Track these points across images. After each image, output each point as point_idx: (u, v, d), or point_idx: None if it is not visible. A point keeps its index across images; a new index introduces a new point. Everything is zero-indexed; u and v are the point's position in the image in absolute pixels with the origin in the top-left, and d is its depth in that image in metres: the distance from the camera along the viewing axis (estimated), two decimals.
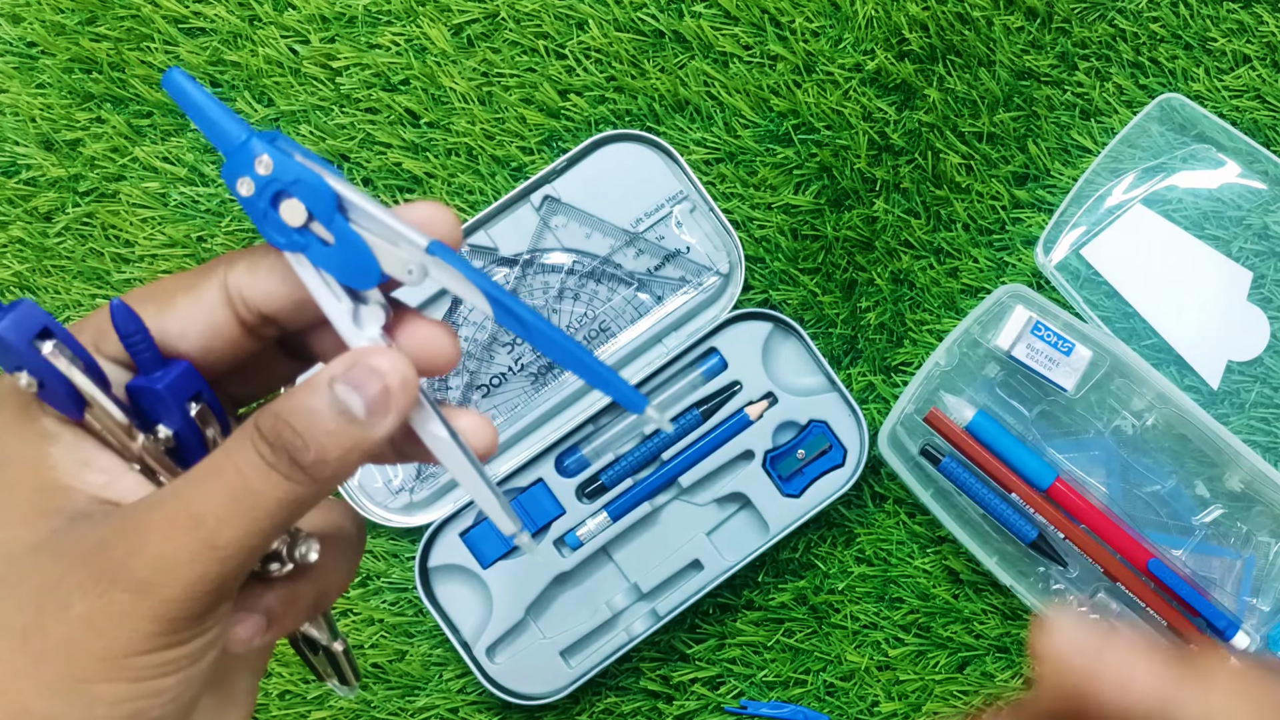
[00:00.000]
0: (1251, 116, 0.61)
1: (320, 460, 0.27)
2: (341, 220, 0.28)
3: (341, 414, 0.27)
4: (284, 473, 0.27)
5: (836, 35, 0.62)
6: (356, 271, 0.28)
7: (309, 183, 0.28)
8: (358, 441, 0.27)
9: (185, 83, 0.28)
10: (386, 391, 0.27)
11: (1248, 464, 0.56)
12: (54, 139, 0.62)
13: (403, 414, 0.28)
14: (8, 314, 0.27)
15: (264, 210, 0.28)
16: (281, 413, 0.27)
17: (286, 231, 0.28)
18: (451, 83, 0.62)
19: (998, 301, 0.57)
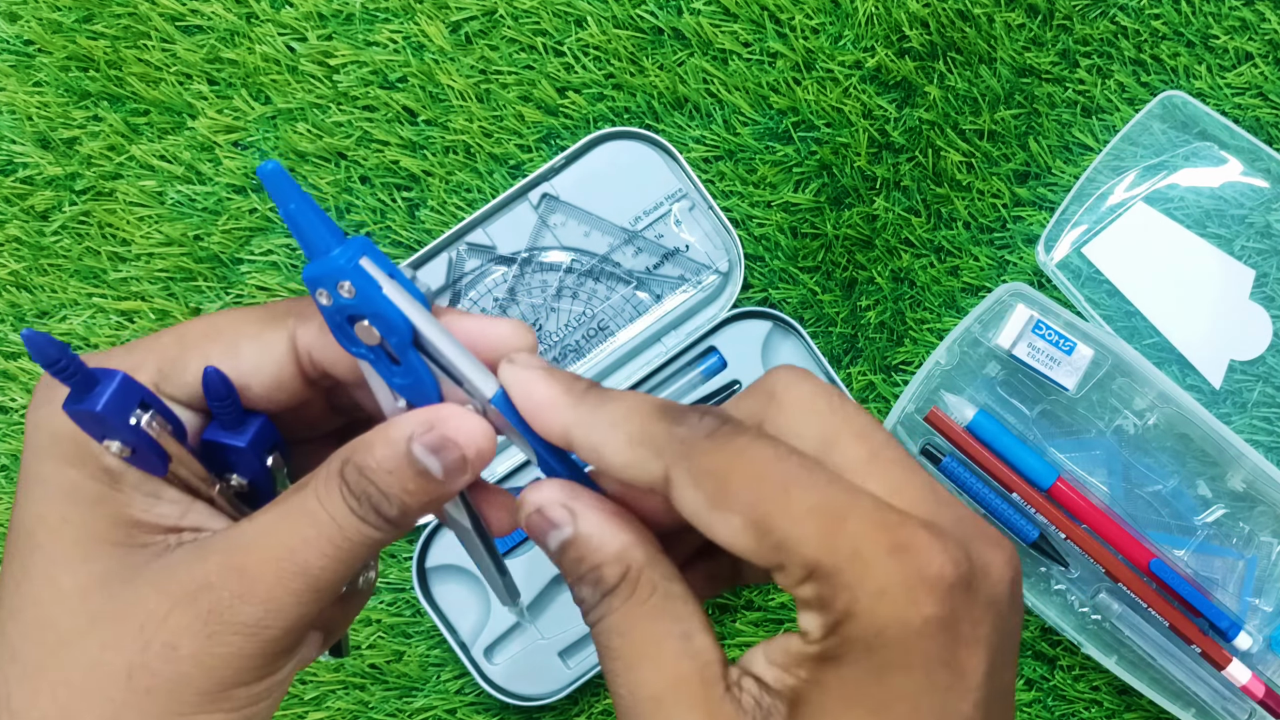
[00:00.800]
0: (1254, 114, 0.60)
1: (402, 514, 0.29)
2: (413, 353, 0.28)
3: (420, 474, 0.28)
4: (372, 523, 0.29)
5: (836, 32, 0.61)
6: (416, 395, 0.29)
7: (386, 317, 0.28)
8: (435, 498, 0.29)
9: (282, 179, 0.27)
10: (464, 461, 0.29)
11: (1250, 464, 0.55)
12: (51, 137, 0.62)
13: (477, 474, 0.29)
14: (106, 390, 0.27)
15: (339, 323, 0.29)
16: (365, 468, 0.28)
17: (358, 343, 0.29)
18: (449, 80, 0.62)
19: (998, 300, 0.57)
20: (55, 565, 0.28)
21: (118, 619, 0.28)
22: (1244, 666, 0.56)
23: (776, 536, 0.25)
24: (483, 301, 0.60)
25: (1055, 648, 0.60)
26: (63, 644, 0.28)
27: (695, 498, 0.26)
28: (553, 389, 0.28)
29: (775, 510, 0.25)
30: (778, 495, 0.25)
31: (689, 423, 0.26)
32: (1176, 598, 0.56)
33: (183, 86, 0.62)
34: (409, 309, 0.28)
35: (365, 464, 0.28)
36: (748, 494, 0.25)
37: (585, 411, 0.28)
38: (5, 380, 0.62)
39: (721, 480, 0.25)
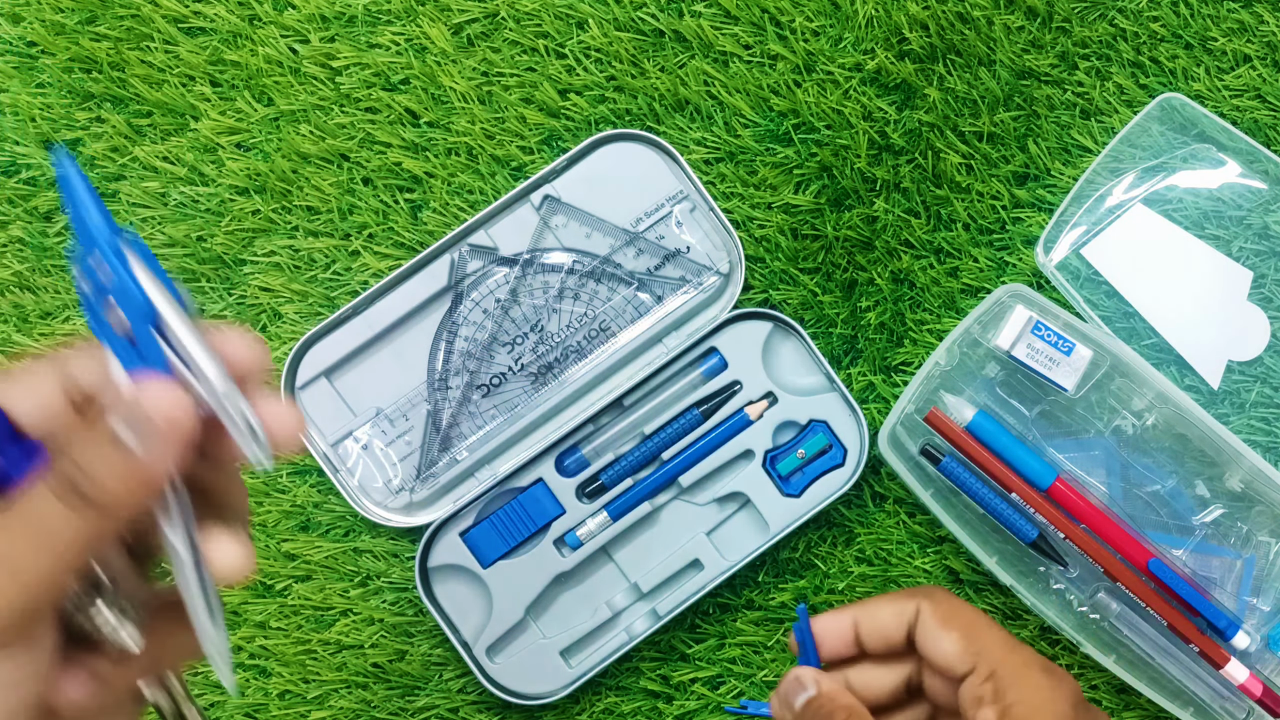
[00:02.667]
0: (1252, 116, 0.61)
1: (99, 488, 0.29)
2: (152, 337, 0.29)
3: (114, 443, 0.29)
4: (77, 509, 0.29)
5: (837, 35, 0.62)
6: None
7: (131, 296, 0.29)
8: (139, 476, 0.29)
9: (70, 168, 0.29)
10: (155, 423, 0.29)
11: (1248, 464, 0.56)
12: (54, 138, 0.62)
13: (176, 446, 0.29)
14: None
15: (95, 307, 0.30)
16: (71, 450, 0.29)
17: (106, 329, 0.30)
18: (451, 82, 0.62)
19: (998, 301, 0.57)
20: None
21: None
22: (1242, 665, 0.56)
23: (978, 646, 0.42)
24: (484, 302, 0.60)
25: (1054, 647, 0.60)
26: None
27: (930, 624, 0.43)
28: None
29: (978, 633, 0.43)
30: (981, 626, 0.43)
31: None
32: (1175, 597, 0.56)
33: (185, 88, 0.62)
34: (155, 294, 0.29)
35: (70, 448, 0.29)
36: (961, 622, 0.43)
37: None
38: None
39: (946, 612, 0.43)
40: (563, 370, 0.61)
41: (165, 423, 0.29)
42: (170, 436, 0.29)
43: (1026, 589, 0.58)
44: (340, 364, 0.60)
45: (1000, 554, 0.58)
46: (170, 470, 0.30)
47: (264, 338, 0.28)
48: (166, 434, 0.29)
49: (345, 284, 0.62)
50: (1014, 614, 0.61)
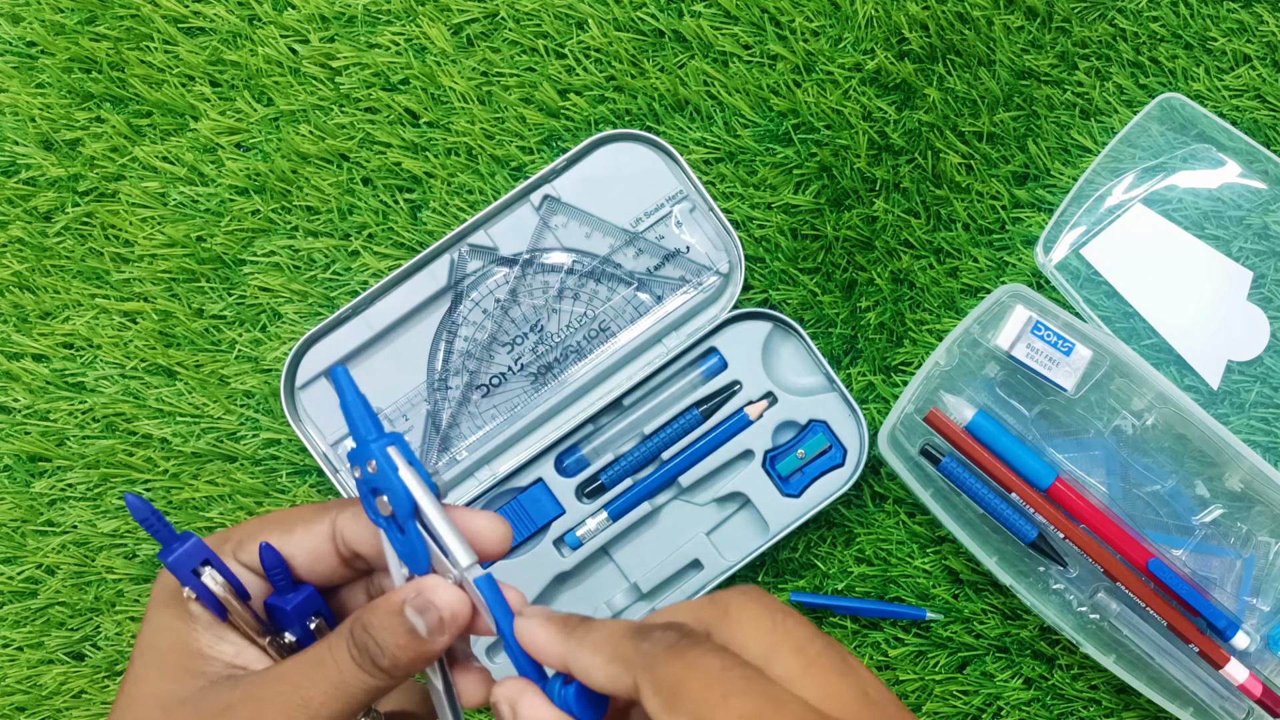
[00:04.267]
0: (1251, 116, 0.61)
1: (394, 665, 0.36)
2: (413, 524, 0.37)
3: (409, 631, 0.36)
4: (368, 671, 0.36)
5: (836, 35, 0.62)
6: (412, 561, 0.37)
7: (396, 491, 0.37)
8: (421, 652, 0.36)
9: (345, 381, 0.37)
10: (441, 621, 0.36)
11: (1248, 464, 0.56)
12: (53, 138, 0.62)
13: (454, 635, 0.37)
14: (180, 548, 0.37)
15: (366, 494, 0.37)
16: (369, 626, 0.37)
17: (377, 514, 0.37)
18: (451, 82, 0.62)
19: (998, 301, 0.57)
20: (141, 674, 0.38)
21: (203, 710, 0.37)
22: (1241, 665, 0.56)
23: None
24: (484, 302, 0.60)
25: (1054, 647, 0.60)
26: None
27: (655, 703, 0.31)
28: (549, 630, 0.36)
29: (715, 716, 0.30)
30: (717, 702, 0.30)
31: (653, 639, 0.32)
32: (1175, 597, 0.56)
33: (185, 88, 0.62)
34: (415, 489, 0.36)
35: (368, 621, 0.37)
36: (693, 702, 0.30)
37: (574, 643, 0.35)
38: (8, 380, 0.62)
39: (674, 688, 0.31)
40: (562, 370, 0.61)
41: (450, 620, 0.37)
42: (451, 628, 0.37)
43: (1026, 589, 0.58)
44: (341, 363, 0.60)
45: (1000, 554, 0.58)
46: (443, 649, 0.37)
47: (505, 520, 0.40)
48: (449, 629, 0.37)
49: (345, 284, 0.62)
50: (1014, 614, 0.61)
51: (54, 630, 0.62)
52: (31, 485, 0.62)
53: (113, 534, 0.62)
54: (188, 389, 0.62)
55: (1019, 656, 0.60)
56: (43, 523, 0.62)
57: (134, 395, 0.62)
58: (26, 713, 0.61)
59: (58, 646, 0.62)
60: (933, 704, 0.60)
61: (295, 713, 0.36)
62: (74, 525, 0.62)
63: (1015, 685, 0.60)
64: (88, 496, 0.62)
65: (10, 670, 0.61)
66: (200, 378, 0.62)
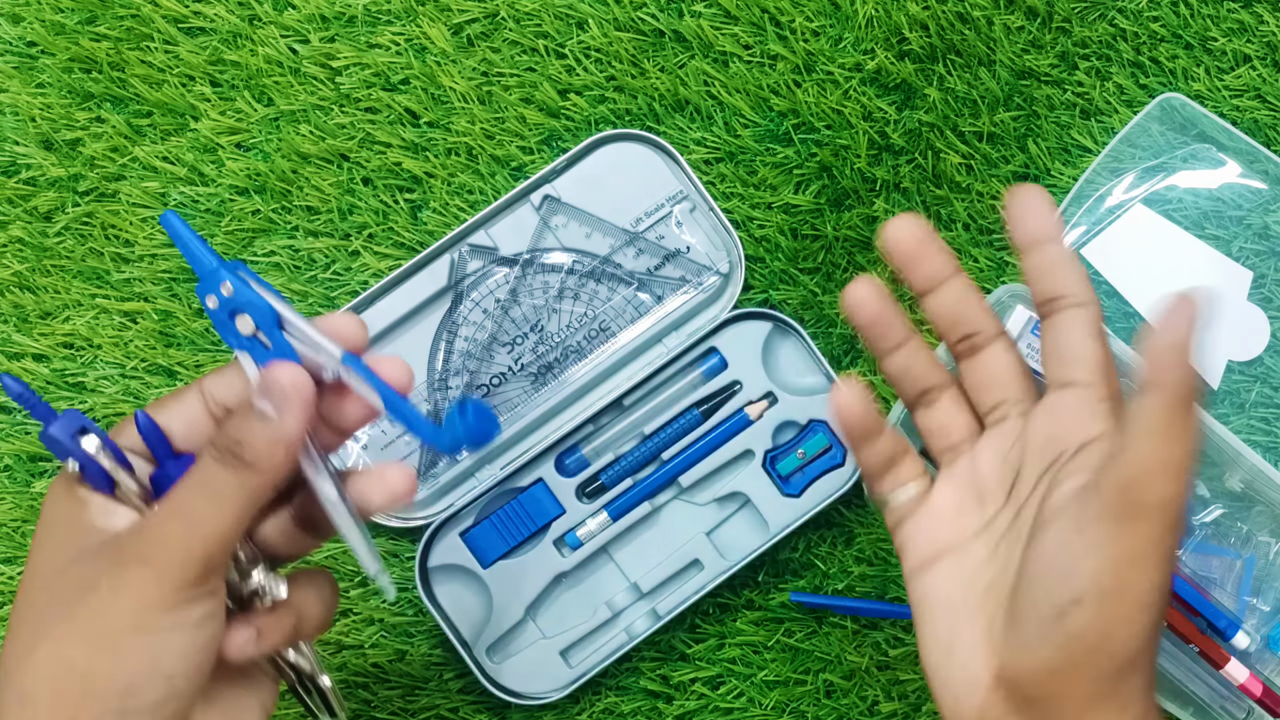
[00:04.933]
0: (1252, 116, 0.61)
1: (254, 451, 0.38)
2: (279, 333, 0.39)
3: (260, 415, 0.38)
4: (236, 469, 0.38)
5: (836, 35, 0.62)
6: None
7: (256, 304, 0.39)
8: (278, 435, 0.38)
9: (176, 221, 0.40)
10: (284, 393, 0.38)
11: (1248, 464, 0.56)
12: (54, 138, 0.62)
13: (301, 408, 0.38)
14: (59, 419, 0.38)
15: (223, 320, 0.39)
16: (225, 427, 0.38)
17: (238, 337, 0.39)
18: (451, 82, 0.62)
19: (998, 301, 0.57)
20: (36, 556, 0.40)
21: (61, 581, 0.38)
22: (1242, 665, 0.56)
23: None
24: (484, 302, 0.60)
25: None
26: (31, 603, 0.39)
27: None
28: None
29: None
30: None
31: None
32: (1174, 597, 0.56)
33: (185, 88, 0.62)
34: (273, 300, 0.39)
35: (225, 424, 0.39)
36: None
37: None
38: None
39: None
40: (563, 370, 0.61)
41: (291, 389, 0.38)
42: (296, 399, 0.38)
43: None
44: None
45: None
46: (301, 429, 0.38)
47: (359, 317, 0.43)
48: (293, 398, 0.38)
49: (345, 284, 0.62)
50: None
51: None
52: (31, 485, 0.62)
53: None
54: None
55: None
56: None
57: (134, 395, 0.62)
58: None
59: None
60: (933, 704, 0.60)
61: (174, 522, 0.37)
62: None
63: None
64: None
65: None
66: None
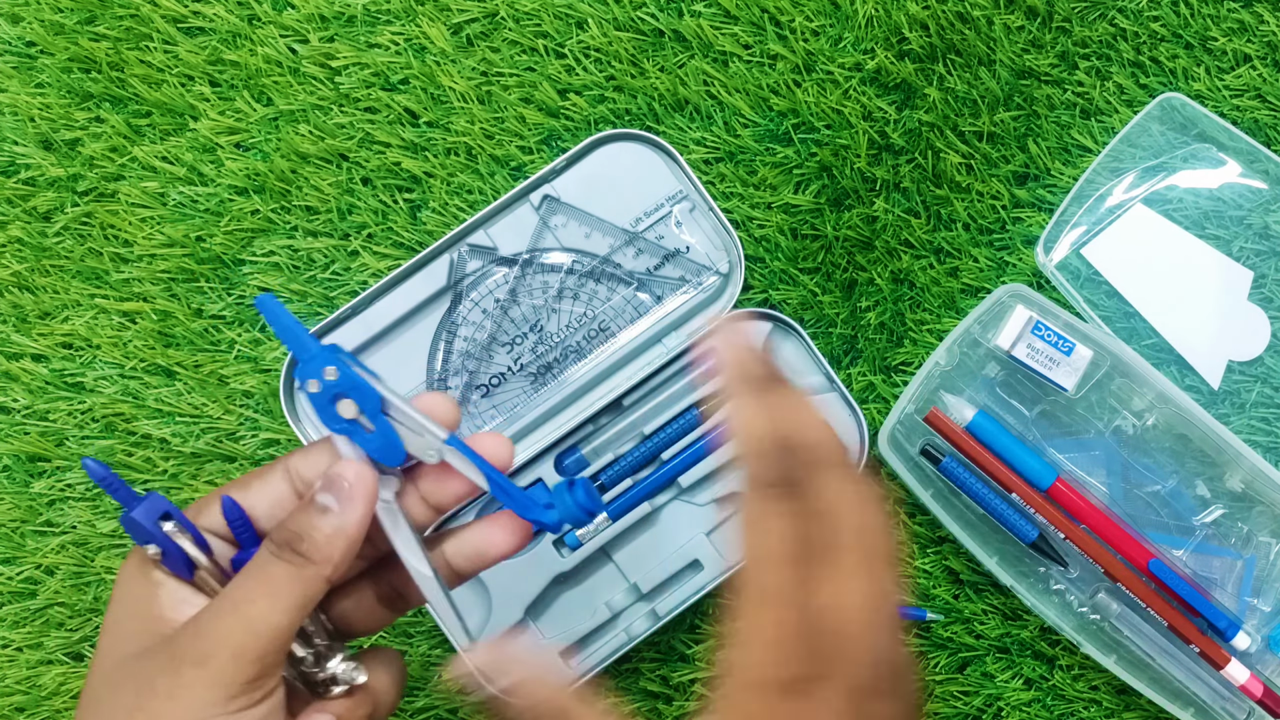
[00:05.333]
0: (1252, 116, 0.60)
1: (312, 545, 0.37)
2: (382, 417, 0.39)
3: (321, 510, 0.38)
4: (290, 560, 0.37)
5: (836, 34, 0.62)
6: (388, 454, 0.39)
7: (362, 389, 0.39)
8: (337, 527, 0.38)
9: (276, 306, 0.39)
10: (347, 487, 0.38)
11: (1248, 464, 0.56)
12: (53, 138, 0.62)
13: (364, 503, 0.38)
14: (141, 503, 0.38)
15: (324, 404, 0.39)
16: (286, 522, 0.38)
17: (339, 420, 0.39)
18: (451, 82, 0.62)
19: (998, 301, 0.57)
20: (105, 642, 0.39)
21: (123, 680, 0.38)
22: (1242, 666, 0.56)
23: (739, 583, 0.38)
24: (484, 302, 0.60)
25: (1054, 647, 0.60)
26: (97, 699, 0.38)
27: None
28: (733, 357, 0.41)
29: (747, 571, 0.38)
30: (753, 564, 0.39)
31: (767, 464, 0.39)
32: (1175, 598, 0.56)
33: (185, 88, 0.62)
34: (375, 384, 0.39)
35: (286, 519, 0.38)
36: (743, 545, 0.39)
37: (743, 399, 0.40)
38: (7, 380, 0.62)
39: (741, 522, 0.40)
40: (562, 370, 0.61)
41: (356, 481, 0.38)
42: (360, 493, 0.38)
43: (1026, 589, 0.58)
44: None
45: (1000, 554, 0.58)
46: (363, 524, 0.38)
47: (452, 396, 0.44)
48: (357, 492, 0.38)
49: (344, 284, 0.62)
50: (1014, 614, 0.61)
51: (53, 631, 0.61)
52: (31, 485, 0.62)
53: (112, 534, 0.62)
54: (187, 389, 0.62)
55: (1019, 657, 0.60)
56: (42, 523, 0.62)
57: (133, 395, 0.62)
58: (26, 713, 0.61)
59: (57, 647, 0.62)
60: (933, 704, 0.60)
61: (227, 618, 0.37)
62: (73, 526, 0.62)
63: (1016, 686, 0.60)
64: (87, 497, 0.62)
65: (10, 671, 0.61)
66: (199, 378, 0.62)
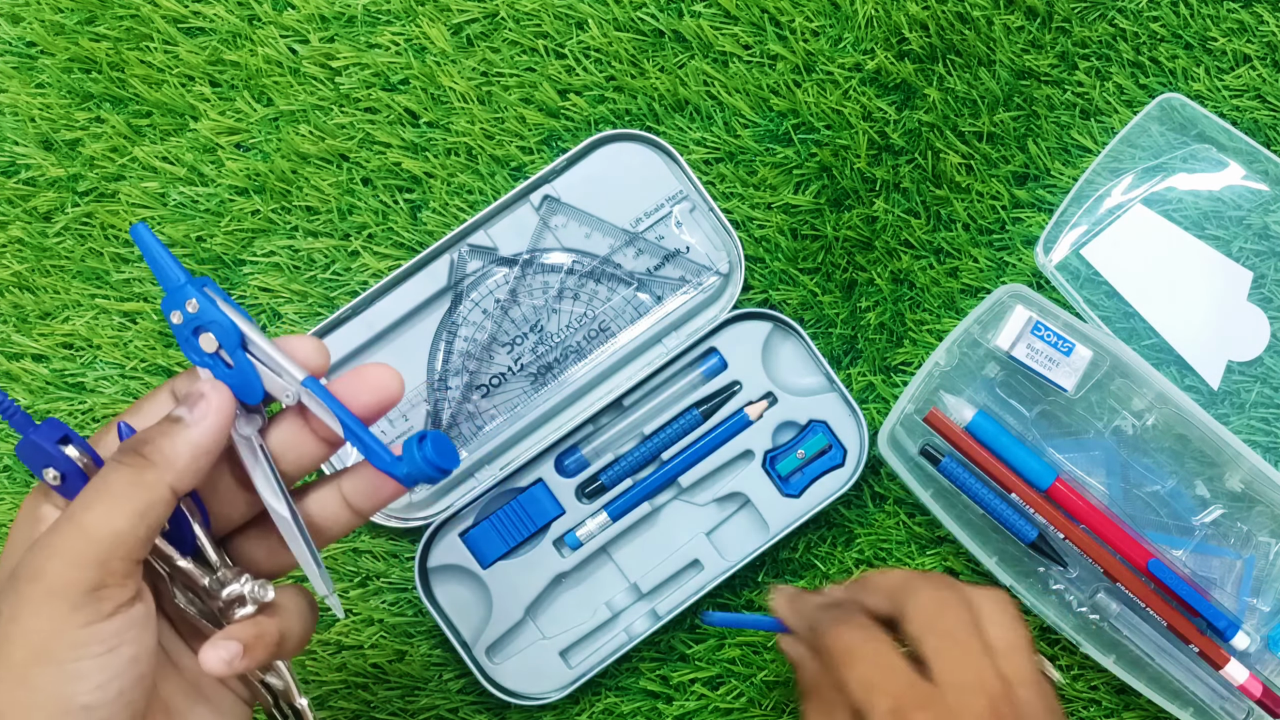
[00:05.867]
0: (1252, 116, 0.60)
1: (154, 449, 0.36)
2: (241, 353, 0.39)
3: (173, 420, 0.37)
4: (130, 463, 0.35)
5: (836, 35, 0.62)
6: (246, 391, 0.39)
7: (221, 324, 0.38)
8: (186, 436, 0.36)
9: (146, 234, 0.39)
10: (204, 399, 0.37)
11: (1248, 464, 0.56)
12: (53, 139, 0.62)
13: (217, 416, 0.37)
14: (39, 428, 0.37)
15: (186, 336, 0.39)
16: (139, 433, 0.37)
17: (200, 353, 0.39)
18: (451, 82, 0.62)
19: (998, 301, 0.57)
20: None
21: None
22: (1242, 666, 0.56)
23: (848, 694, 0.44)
24: (484, 303, 0.60)
25: (1054, 647, 0.60)
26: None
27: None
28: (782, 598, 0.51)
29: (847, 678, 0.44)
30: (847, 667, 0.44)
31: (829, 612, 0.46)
32: (1175, 598, 0.56)
33: (185, 88, 0.62)
34: (238, 320, 0.39)
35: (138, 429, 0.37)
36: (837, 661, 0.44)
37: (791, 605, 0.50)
38: (8, 380, 0.62)
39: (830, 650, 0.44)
40: (562, 370, 0.61)
41: (213, 396, 0.37)
42: (215, 408, 0.37)
43: (1026, 589, 0.58)
44: (340, 364, 0.60)
45: (1000, 554, 0.58)
46: (214, 439, 0.37)
47: (318, 339, 0.41)
48: (212, 407, 0.37)
49: (345, 284, 0.62)
50: None
51: None
52: (31, 485, 0.62)
53: None
54: None
55: None
56: None
57: (134, 395, 0.62)
58: None
59: None
60: None
61: (71, 538, 0.34)
62: None
63: None
64: None
65: None
66: None
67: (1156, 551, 0.57)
